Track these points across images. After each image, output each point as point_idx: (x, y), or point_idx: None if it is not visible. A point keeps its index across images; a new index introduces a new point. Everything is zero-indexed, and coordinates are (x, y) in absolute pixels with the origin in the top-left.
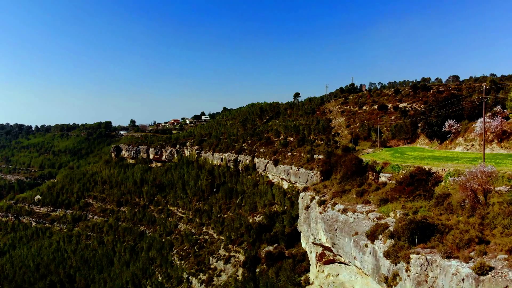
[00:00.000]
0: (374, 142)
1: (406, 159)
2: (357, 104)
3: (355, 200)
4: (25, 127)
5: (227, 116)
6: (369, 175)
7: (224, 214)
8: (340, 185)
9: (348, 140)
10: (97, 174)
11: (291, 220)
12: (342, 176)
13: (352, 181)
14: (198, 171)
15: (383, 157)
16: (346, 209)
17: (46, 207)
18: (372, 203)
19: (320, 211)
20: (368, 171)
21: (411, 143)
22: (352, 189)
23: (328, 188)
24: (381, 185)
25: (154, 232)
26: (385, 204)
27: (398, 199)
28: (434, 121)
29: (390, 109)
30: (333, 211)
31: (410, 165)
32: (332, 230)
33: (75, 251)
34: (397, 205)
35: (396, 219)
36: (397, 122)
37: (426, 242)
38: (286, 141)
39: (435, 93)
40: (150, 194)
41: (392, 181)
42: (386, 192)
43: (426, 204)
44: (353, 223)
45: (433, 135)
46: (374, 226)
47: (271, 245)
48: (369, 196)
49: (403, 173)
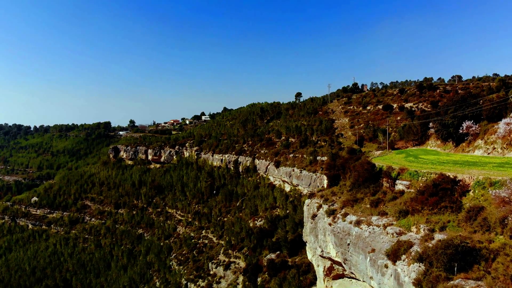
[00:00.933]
0: (381, 144)
1: (423, 164)
2: (361, 104)
3: (369, 211)
4: (23, 127)
5: (227, 117)
6: (383, 182)
7: (224, 218)
8: (351, 193)
9: (353, 141)
10: (95, 175)
11: (294, 225)
12: (353, 183)
13: (365, 189)
14: (198, 172)
15: (396, 161)
16: (359, 221)
17: (43, 209)
18: (390, 214)
19: (329, 222)
20: (383, 177)
21: (420, 145)
22: (365, 198)
23: (337, 195)
24: (398, 194)
25: (152, 235)
26: (405, 216)
27: (420, 211)
28: (450, 121)
29: (396, 109)
30: (344, 223)
31: (431, 171)
32: (344, 245)
33: (72, 254)
34: (419, 218)
35: (420, 236)
36: (406, 122)
37: (468, 270)
38: (288, 142)
39: (441, 92)
40: (149, 196)
41: (410, 190)
42: (405, 203)
43: (454, 218)
44: (369, 238)
45: (447, 137)
46: (395, 244)
47: (273, 253)
48: (386, 207)
49: (423, 180)
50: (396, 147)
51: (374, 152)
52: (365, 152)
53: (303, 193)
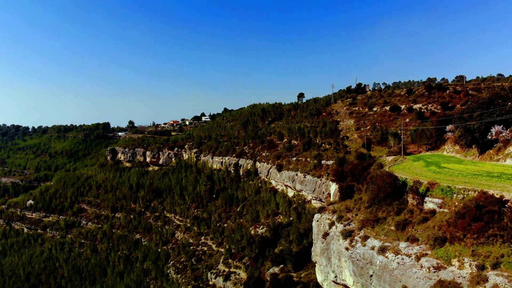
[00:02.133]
0: (391, 148)
1: (452, 176)
2: (367, 105)
3: (395, 235)
4: (22, 128)
5: (228, 118)
6: (408, 198)
7: (223, 223)
8: (370, 211)
9: (359, 144)
10: (92, 178)
11: (299, 236)
12: (372, 198)
13: (387, 206)
14: (197, 175)
15: (418, 171)
16: (384, 248)
17: (38, 213)
18: (422, 241)
19: (346, 246)
20: (407, 192)
21: (434, 150)
22: (388, 218)
23: (353, 212)
24: (428, 214)
25: (150, 240)
26: (442, 245)
27: (462, 239)
28: (477, 126)
29: (404, 111)
30: (364, 249)
31: (467, 187)
32: (365, 275)
33: (67, 259)
34: (462, 249)
35: (468, 275)
36: (418, 126)
37: None
38: (291, 145)
39: (451, 93)
40: (146, 199)
41: (444, 210)
42: (440, 227)
43: (509, 251)
44: (398, 270)
45: (472, 143)
46: (437, 285)
47: (277, 266)
48: (415, 231)
49: (458, 199)
50: (408, 151)
51: (386, 158)
52: (375, 157)
53: (307, 199)
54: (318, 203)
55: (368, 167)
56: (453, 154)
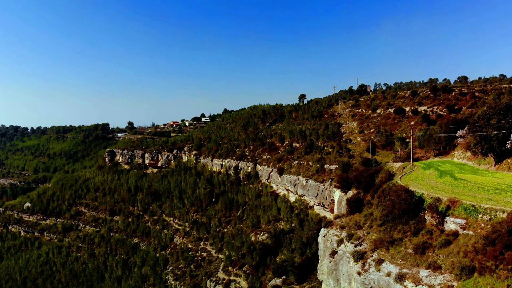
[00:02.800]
0: (397, 152)
1: (473, 191)
2: (370, 107)
3: (413, 259)
4: (20, 129)
5: (228, 119)
6: (425, 216)
7: (223, 228)
8: (383, 229)
9: (363, 148)
10: (90, 180)
11: (302, 245)
12: (385, 215)
13: (403, 225)
14: (196, 178)
15: (433, 183)
16: (402, 276)
17: (35, 215)
18: (445, 269)
19: (358, 270)
20: (425, 209)
21: (443, 155)
22: (405, 239)
23: (364, 229)
24: (451, 236)
25: (148, 245)
26: (470, 275)
27: (493, 271)
28: (494, 134)
29: (409, 113)
30: (379, 274)
31: (494, 207)
32: None
33: (65, 264)
34: (495, 283)
35: None
36: (427, 130)
37: None
38: (292, 148)
39: (457, 95)
40: (145, 203)
41: (468, 232)
42: (466, 253)
43: None
44: None
45: (488, 152)
46: None
47: (279, 277)
48: (437, 256)
49: (485, 220)
50: (415, 156)
51: (393, 164)
52: (382, 163)
53: (310, 205)
54: (321, 209)
55: (375, 174)
56: (465, 161)
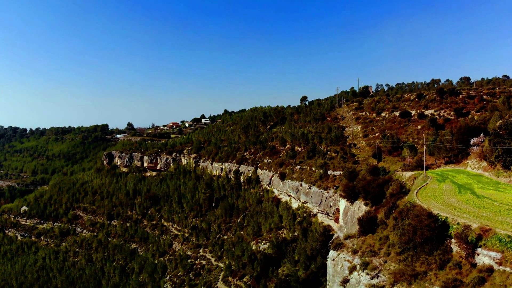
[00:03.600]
0: (405, 160)
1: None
2: (374, 110)
3: None
4: (19, 130)
5: (228, 121)
6: (451, 245)
7: (223, 235)
8: (404, 258)
9: (368, 152)
10: (88, 183)
11: (306, 259)
12: (405, 242)
13: (426, 255)
14: (196, 182)
15: (455, 202)
16: None
17: (32, 219)
18: None
19: None
20: (453, 238)
21: (455, 163)
22: (430, 273)
23: (380, 256)
24: (484, 272)
25: (146, 251)
26: None
27: None
28: None
29: (415, 117)
30: None
31: None
32: None
33: (61, 269)
34: None
35: None
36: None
37: None
38: (294, 152)
39: (465, 98)
40: (143, 207)
41: (504, 268)
42: None
43: None
44: None
45: (510, 165)
46: None
47: None
48: None
49: None
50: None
51: (403, 174)
52: (390, 171)
53: (313, 212)
54: (325, 217)
55: (384, 184)
56: (480, 172)
